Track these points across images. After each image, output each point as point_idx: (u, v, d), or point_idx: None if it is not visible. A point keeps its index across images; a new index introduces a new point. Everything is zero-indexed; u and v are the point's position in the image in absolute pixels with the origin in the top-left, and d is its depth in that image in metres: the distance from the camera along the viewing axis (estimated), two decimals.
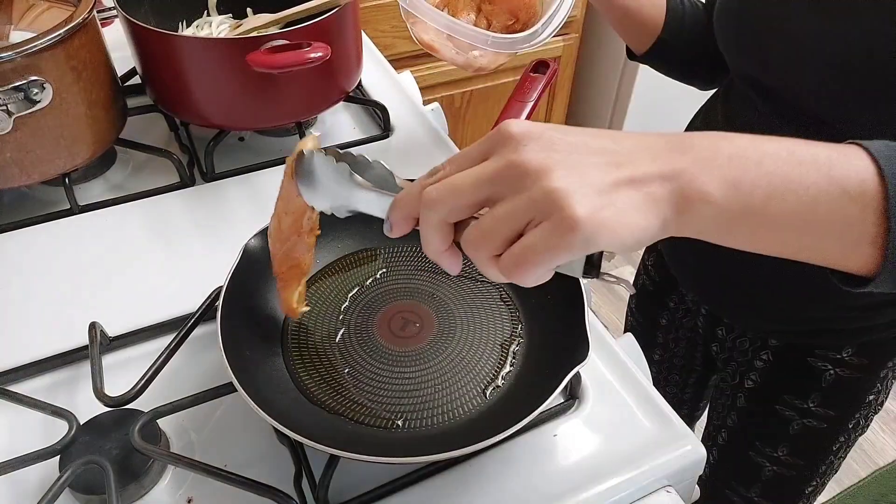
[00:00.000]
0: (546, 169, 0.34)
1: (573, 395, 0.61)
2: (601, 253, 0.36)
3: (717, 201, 0.35)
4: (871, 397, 0.79)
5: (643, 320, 1.00)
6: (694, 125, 0.84)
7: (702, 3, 0.84)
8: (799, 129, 0.65)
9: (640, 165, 0.35)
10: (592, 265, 0.37)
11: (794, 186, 0.35)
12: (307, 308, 0.62)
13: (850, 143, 0.36)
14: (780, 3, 0.64)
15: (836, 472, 0.87)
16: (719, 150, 0.36)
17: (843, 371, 0.76)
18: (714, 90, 0.85)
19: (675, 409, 0.61)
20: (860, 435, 0.83)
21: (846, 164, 0.35)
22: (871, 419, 0.82)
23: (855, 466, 1.71)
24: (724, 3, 0.72)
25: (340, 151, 0.47)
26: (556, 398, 0.54)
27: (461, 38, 0.63)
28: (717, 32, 0.73)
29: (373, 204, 0.45)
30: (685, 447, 0.58)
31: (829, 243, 0.36)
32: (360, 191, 0.45)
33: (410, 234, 0.70)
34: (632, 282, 1.04)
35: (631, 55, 0.87)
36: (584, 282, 0.60)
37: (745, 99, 0.71)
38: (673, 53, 0.82)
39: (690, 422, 1.09)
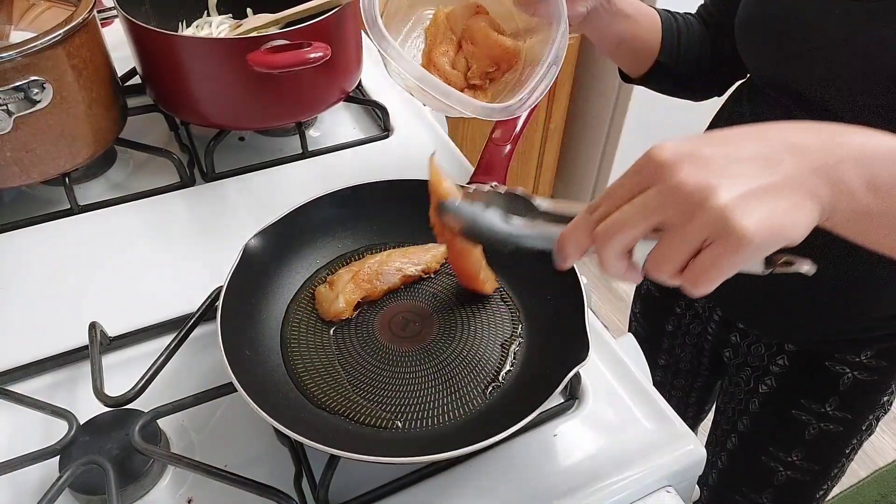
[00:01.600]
0: (707, 188, 0.36)
1: (573, 395, 0.61)
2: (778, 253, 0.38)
3: (859, 198, 0.38)
4: (885, 398, 0.79)
5: (648, 326, 1.00)
6: (716, 129, 0.81)
7: (699, 16, 0.82)
8: None
9: (793, 166, 0.37)
10: (770, 260, 0.39)
11: None
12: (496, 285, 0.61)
13: None
14: (825, 8, 0.62)
15: (845, 474, 0.87)
16: (866, 149, 0.38)
17: (861, 374, 0.76)
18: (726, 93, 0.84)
19: (680, 414, 0.61)
20: (870, 435, 0.83)
21: None
22: (881, 419, 0.82)
23: (855, 466, 1.71)
24: (750, 12, 0.70)
25: (484, 191, 0.51)
26: (556, 398, 0.54)
27: (434, 96, 0.61)
28: (743, 42, 0.71)
29: (536, 241, 0.48)
30: (685, 447, 0.58)
31: None
32: (518, 231, 0.49)
33: (409, 230, 0.71)
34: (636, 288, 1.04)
35: (625, 78, 0.85)
36: (584, 281, 0.60)
37: (777, 105, 0.69)
38: (670, 73, 0.81)
39: (695, 425, 1.08)
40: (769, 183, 0.36)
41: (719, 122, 0.82)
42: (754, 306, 0.80)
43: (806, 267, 0.39)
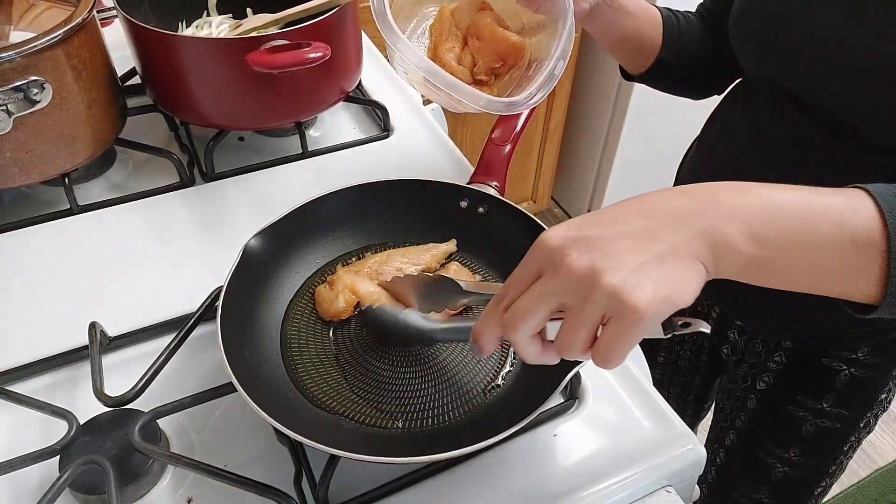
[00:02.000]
0: (595, 272, 0.38)
1: (573, 395, 0.61)
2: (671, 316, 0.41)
3: (745, 252, 0.40)
4: (883, 396, 0.79)
5: None
6: (710, 131, 0.82)
7: (699, 14, 0.82)
8: (828, 134, 0.64)
9: (674, 234, 0.40)
10: (667, 324, 0.41)
11: (811, 237, 0.40)
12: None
13: (854, 186, 0.41)
14: (815, 10, 0.62)
15: (843, 471, 0.87)
16: (742, 205, 0.40)
17: (857, 371, 0.76)
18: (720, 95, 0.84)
19: (678, 412, 0.61)
20: (868, 433, 0.83)
21: (855, 215, 0.40)
22: (879, 417, 0.82)
23: (855, 466, 1.71)
24: (745, 10, 0.70)
25: (402, 280, 0.58)
26: (556, 398, 0.54)
27: (441, 89, 0.61)
28: (737, 39, 0.71)
29: (453, 335, 0.55)
30: (685, 447, 0.58)
31: (838, 283, 0.41)
32: (436, 327, 0.55)
33: (409, 230, 0.71)
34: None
35: (626, 75, 0.85)
36: None
37: (769, 104, 0.70)
38: (671, 71, 0.81)
39: (694, 423, 1.08)
40: (653, 255, 0.39)
41: (713, 122, 0.82)
42: (751, 303, 0.80)
43: (702, 328, 0.42)
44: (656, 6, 0.79)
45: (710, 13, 0.82)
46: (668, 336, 0.42)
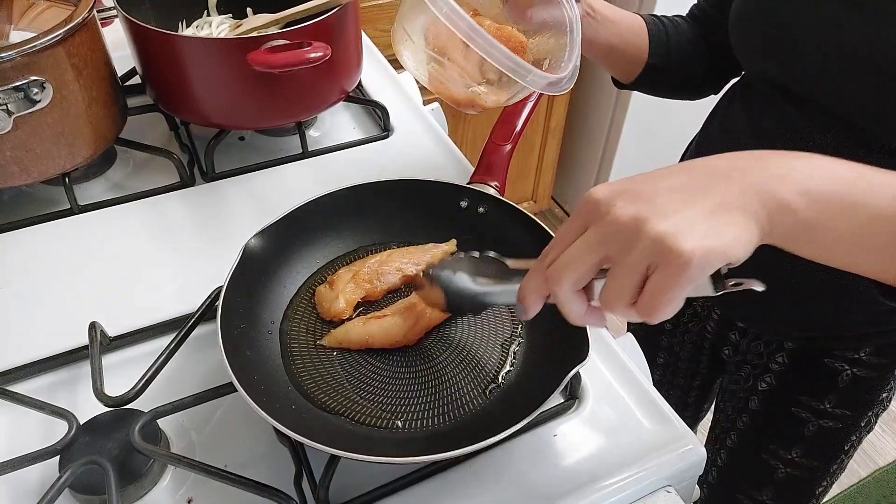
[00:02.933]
0: (642, 219, 0.38)
1: (573, 395, 0.61)
2: (720, 269, 0.39)
3: (800, 213, 0.39)
4: (885, 395, 0.79)
5: (647, 325, 1.00)
6: (709, 131, 0.82)
7: (692, 16, 0.83)
8: (829, 132, 0.64)
9: (725, 188, 0.39)
10: (718, 279, 0.40)
11: (863, 204, 0.39)
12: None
13: None
14: (817, 7, 0.62)
15: (844, 470, 0.87)
16: (793, 167, 0.40)
17: (860, 370, 0.76)
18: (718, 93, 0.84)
19: (678, 413, 0.61)
20: (869, 432, 0.83)
21: None
22: (880, 416, 0.82)
23: (855, 466, 1.71)
24: (746, 7, 0.70)
25: (451, 261, 0.54)
26: (556, 398, 0.54)
27: (489, 59, 0.58)
28: (736, 38, 0.72)
29: (502, 297, 0.51)
30: (685, 447, 0.58)
31: (879, 259, 0.41)
32: (485, 289, 0.52)
33: (409, 230, 0.71)
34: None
35: (618, 84, 0.86)
36: None
37: (769, 102, 0.70)
38: (662, 76, 0.81)
39: (694, 424, 1.08)
40: (702, 206, 0.38)
41: (712, 121, 0.82)
42: (752, 304, 0.80)
43: (756, 286, 0.40)
44: (640, 14, 0.80)
45: (704, 13, 0.82)
46: (719, 294, 0.40)
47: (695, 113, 0.90)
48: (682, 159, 0.89)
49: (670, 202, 0.39)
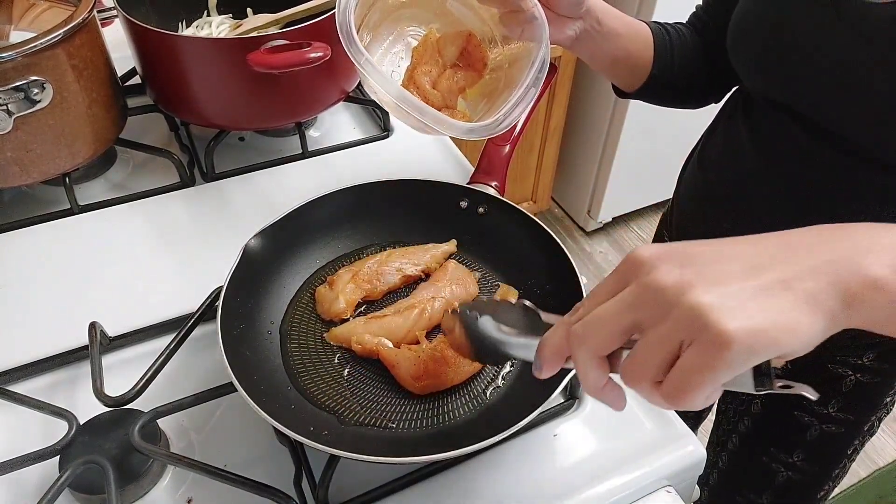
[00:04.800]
0: (685, 285, 0.33)
1: (573, 395, 0.61)
2: (768, 362, 0.33)
3: (888, 287, 0.33)
4: (888, 399, 0.79)
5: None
6: (711, 141, 0.81)
7: (691, 24, 0.81)
8: (828, 146, 0.63)
9: (789, 264, 0.33)
10: (763, 374, 0.34)
11: None
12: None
13: None
14: (815, 27, 0.61)
15: (846, 474, 0.86)
16: (875, 236, 0.34)
17: (863, 376, 0.76)
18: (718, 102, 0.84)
19: (680, 415, 0.60)
20: (872, 436, 0.83)
21: None
22: (883, 420, 0.82)
23: (855, 466, 1.69)
24: (743, 24, 0.69)
25: (482, 302, 0.50)
26: (556, 398, 0.54)
27: (413, 115, 0.59)
28: (734, 53, 0.71)
29: (521, 349, 0.45)
30: (685, 447, 0.58)
31: None
32: (506, 339, 0.46)
33: (409, 230, 0.71)
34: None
35: (619, 93, 0.84)
36: (584, 281, 0.61)
37: (772, 119, 0.69)
38: (665, 86, 0.80)
39: (696, 425, 1.08)
40: (758, 284, 0.33)
41: (715, 131, 0.81)
42: None
43: (807, 394, 0.34)
44: (645, 22, 0.78)
45: (701, 22, 0.80)
46: (762, 393, 0.34)
47: (694, 115, 0.90)
48: (683, 169, 0.88)
49: (724, 273, 0.33)
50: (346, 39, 0.58)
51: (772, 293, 0.32)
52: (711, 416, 1.01)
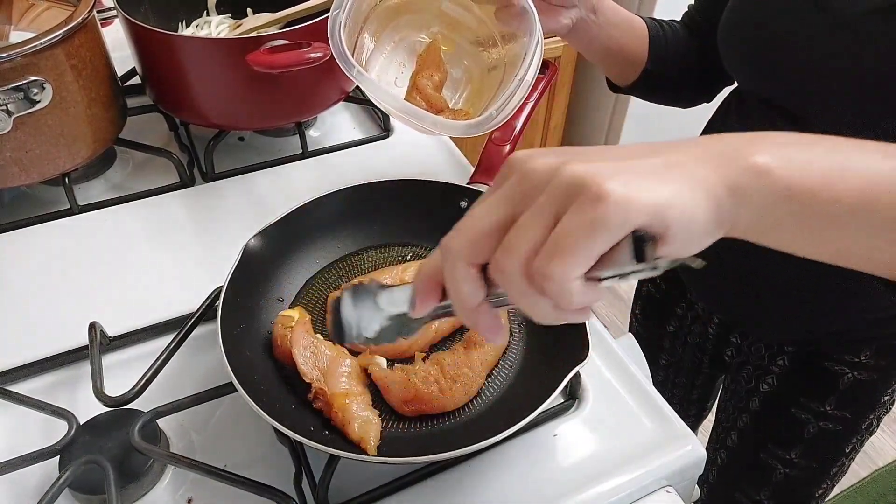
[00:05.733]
0: (562, 164, 0.31)
1: (573, 395, 0.61)
2: (653, 238, 0.30)
3: (775, 173, 0.31)
4: (886, 398, 0.79)
5: (649, 326, 1.00)
6: None
7: (684, 23, 0.82)
8: None
9: (674, 153, 0.32)
10: (644, 252, 0.30)
11: (853, 164, 0.32)
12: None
13: None
14: (798, 23, 0.62)
15: (846, 473, 0.87)
16: (769, 135, 0.33)
17: (860, 374, 0.76)
18: (714, 101, 0.84)
19: (682, 411, 0.61)
20: (871, 435, 0.83)
21: None
22: (882, 418, 0.82)
23: (855, 466, 1.70)
24: (732, 22, 0.70)
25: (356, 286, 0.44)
26: (556, 398, 0.54)
27: (411, 120, 0.60)
28: (724, 51, 0.71)
29: (402, 300, 0.40)
30: (685, 447, 0.58)
31: (887, 238, 0.33)
32: (388, 294, 0.41)
33: (409, 230, 0.71)
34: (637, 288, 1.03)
35: (613, 87, 0.85)
36: None
37: (761, 113, 0.70)
38: (658, 81, 0.81)
39: (697, 422, 1.08)
40: (643, 164, 0.31)
41: (710, 132, 0.82)
42: (751, 311, 0.80)
43: (693, 263, 0.32)
44: (641, 17, 0.79)
45: (694, 21, 0.81)
46: (651, 270, 0.31)
47: (694, 114, 0.90)
48: None
49: (604, 155, 0.31)
50: (340, 58, 0.59)
51: (654, 171, 0.30)
52: (711, 416, 1.01)
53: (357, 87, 0.91)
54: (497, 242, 0.32)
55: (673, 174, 0.30)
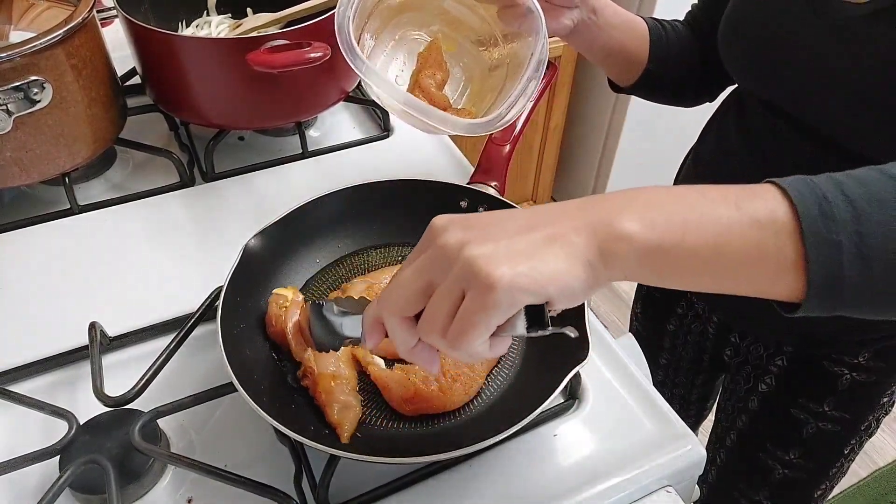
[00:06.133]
0: (463, 244, 0.37)
1: (573, 395, 0.61)
2: (543, 309, 0.38)
3: (637, 238, 0.36)
4: (885, 399, 0.79)
5: (649, 326, 1.00)
6: (706, 141, 0.82)
7: (686, 23, 0.82)
8: (817, 146, 0.64)
9: (555, 224, 0.38)
10: (537, 321, 0.38)
11: (707, 218, 0.37)
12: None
13: (766, 181, 0.38)
14: (796, 26, 0.62)
15: (845, 474, 0.87)
16: (633, 198, 0.38)
17: (858, 375, 0.76)
18: (717, 100, 0.84)
19: (682, 411, 0.61)
20: (870, 436, 0.83)
21: (755, 198, 0.37)
22: (882, 420, 0.82)
23: (855, 466, 1.70)
24: (732, 22, 0.70)
25: (336, 298, 0.51)
26: (556, 398, 0.54)
27: (417, 116, 0.61)
28: (724, 52, 0.71)
29: (357, 326, 0.48)
30: (685, 447, 0.58)
31: (753, 273, 0.37)
32: (343, 321, 0.49)
33: (409, 230, 0.71)
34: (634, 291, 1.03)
35: (614, 87, 0.85)
36: None
37: (762, 118, 0.70)
38: (659, 81, 0.80)
39: (698, 422, 1.08)
40: (526, 240, 0.37)
41: (708, 134, 0.82)
42: (750, 311, 0.80)
43: (568, 332, 0.40)
44: (642, 17, 0.79)
45: (697, 21, 0.81)
46: (533, 336, 0.38)
47: (694, 114, 0.90)
48: (680, 169, 0.89)
49: (500, 231, 0.38)
50: (348, 52, 0.59)
51: (538, 246, 0.37)
52: (711, 416, 1.01)
53: (357, 87, 0.91)
54: (421, 303, 0.39)
55: (553, 249, 0.37)
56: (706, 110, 0.86)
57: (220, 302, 0.58)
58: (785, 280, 0.37)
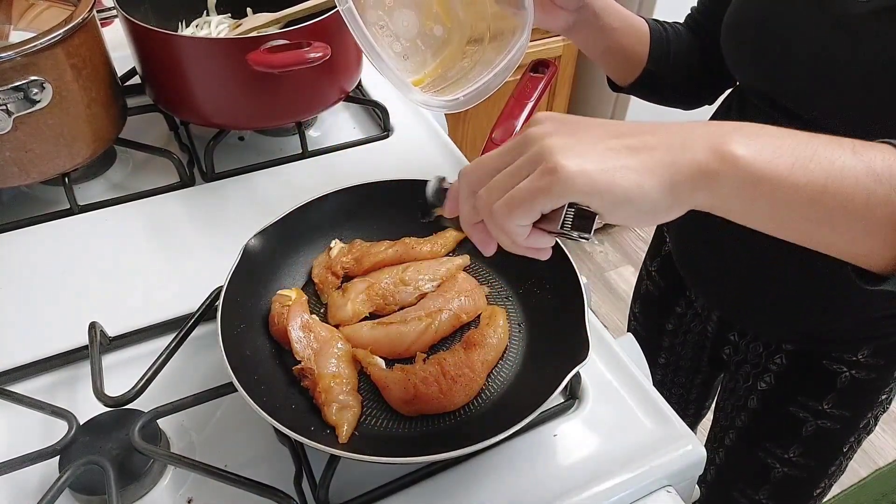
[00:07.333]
0: (547, 134, 0.38)
1: (573, 395, 0.61)
2: (592, 217, 0.38)
3: (743, 161, 0.35)
4: (884, 396, 0.79)
5: (648, 325, 1.00)
6: None
7: (687, 25, 0.82)
8: None
9: (648, 136, 0.37)
10: (583, 227, 0.38)
11: (820, 157, 0.35)
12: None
13: (880, 141, 0.38)
14: (800, 22, 0.62)
15: (844, 472, 0.87)
16: (741, 126, 0.37)
17: (858, 372, 0.76)
18: (717, 101, 0.84)
19: (681, 410, 0.61)
20: (869, 434, 0.83)
21: (872, 149, 0.36)
22: (880, 418, 0.82)
23: (855, 466, 1.71)
24: (735, 17, 0.70)
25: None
26: (556, 398, 0.54)
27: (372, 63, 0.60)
28: (727, 50, 0.72)
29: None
30: (685, 447, 0.58)
31: (853, 224, 0.36)
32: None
33: (409, 230, 0.71)
34: (635, 287, 1.03)
35: (613, 86, 0.85)
36: (584, 281, 0.61)
37: (762, 114, 0.70)
38: (659, 82, 0.81)
39: (696, 421, 1.08)
40: (609, 144, 0.37)
41: None
42: (750, 308, 0.80)
43: (586, 235, 0.39)
44: (644, 17, 0.79)
45: (697, 22, 0.81)
46: (561, 233, 0.39)
47: (694, 115, 0.90)
48: None
49: (586, 131, 0.38)
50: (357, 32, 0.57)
51: (617, 153, 0.36)
52: (709, 416, 1.01)
53: (357, 87, 0.91)
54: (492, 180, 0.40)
55: (635, 159, 0.36)
56: (706, 110, 0.85)
57: (220, 302, 0.58)
58: (883, 240, 0.36)
